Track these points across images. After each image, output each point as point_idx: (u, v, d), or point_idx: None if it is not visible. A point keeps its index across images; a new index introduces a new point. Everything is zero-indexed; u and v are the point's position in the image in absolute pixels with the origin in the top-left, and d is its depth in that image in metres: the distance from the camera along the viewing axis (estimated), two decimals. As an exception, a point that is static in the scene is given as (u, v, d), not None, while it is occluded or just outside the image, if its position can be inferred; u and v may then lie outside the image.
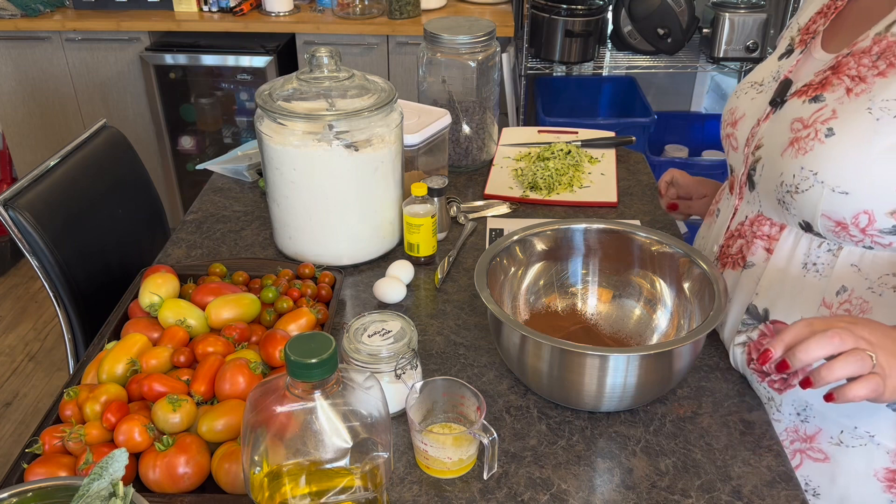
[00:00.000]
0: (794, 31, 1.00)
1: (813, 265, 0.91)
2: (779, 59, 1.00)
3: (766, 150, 0.92)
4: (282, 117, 1.16)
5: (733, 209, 1.01)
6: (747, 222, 0.98)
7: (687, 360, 0.93)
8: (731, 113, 1.01)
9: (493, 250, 1.05)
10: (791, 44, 0.99)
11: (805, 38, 0.96)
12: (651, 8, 2.49)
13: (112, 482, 0.63)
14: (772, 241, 0.95)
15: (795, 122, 0.88)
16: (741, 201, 1.00)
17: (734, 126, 1.00)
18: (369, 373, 0.73)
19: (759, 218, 0.96)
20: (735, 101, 1.02)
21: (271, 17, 2.75)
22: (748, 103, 0.98)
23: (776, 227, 0.94)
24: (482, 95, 1.55)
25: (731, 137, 1.01)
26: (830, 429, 0.93)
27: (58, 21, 2.71)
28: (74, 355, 1.42)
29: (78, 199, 1.44)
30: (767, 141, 0.92)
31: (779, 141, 0.89)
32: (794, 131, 0.87)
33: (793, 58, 0.96)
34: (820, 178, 0.84)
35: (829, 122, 0.84)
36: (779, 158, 0.89)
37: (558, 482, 0.87)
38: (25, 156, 3.02)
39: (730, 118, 1.02)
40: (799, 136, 0.86)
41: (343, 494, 0.69)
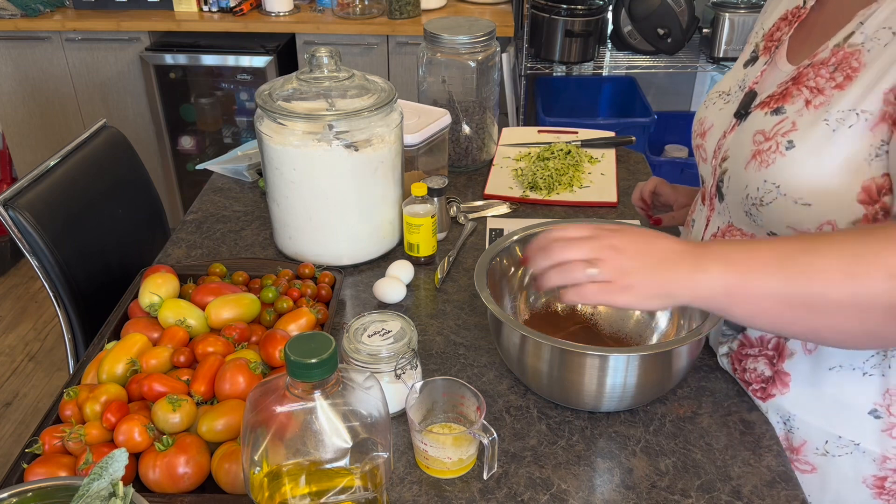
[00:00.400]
0: (759, 37, 0.99)
1: None
2: (744, 67, 0.99)
3: (732, 163, 0.91)
4: (282, 117, 1.16)
5: (706, 220, 1.01)
6: (719, 233, 0.97)
7: (687, 360, 0.93)
8: (700, 123, 1.01)
9: (493, 250, 1.05)
10: (755, 50, 0.98)
11: (769, 46, 0.95)
12: (651, 8, 2.49)
13: (112, 482, 0.63)
14: None
15: (758, 135, 0.86)
16: (713, 212, 0.99)
17: (703, 137, 0.99)
18: (369, 373, 0.73)
19: (730, 228, 0.95)
20: (703, 112, 1.01)
21: (271, 17, 2.75)
22: (716, 114, 0.98)
23: (746, 237, 0.93)
24: (482, 95, 1.55)
25: (701, 149, 1.00)
26: (815, 439, 0.92)
27: (58, 21, 2.71)
28: (74, 355, 1.42)
29: (78, 199, 1.44)
30: (732, 153, 0.91)
31: (742, 153, 0.88)
32: (757, 144, 0.86)
33: (757, 67, 0.95)
34: (782, 190, 0.83)
35: (789, 134, 0.83)
36: (743, 171, 0.88)
37: (558, 482, 0.87)
38: (25, 156, 3.02)
39: (699, 129, 1.01)
40: (761, 149, 0.85)
41: (343, 494, 0.69)
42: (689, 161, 2.71)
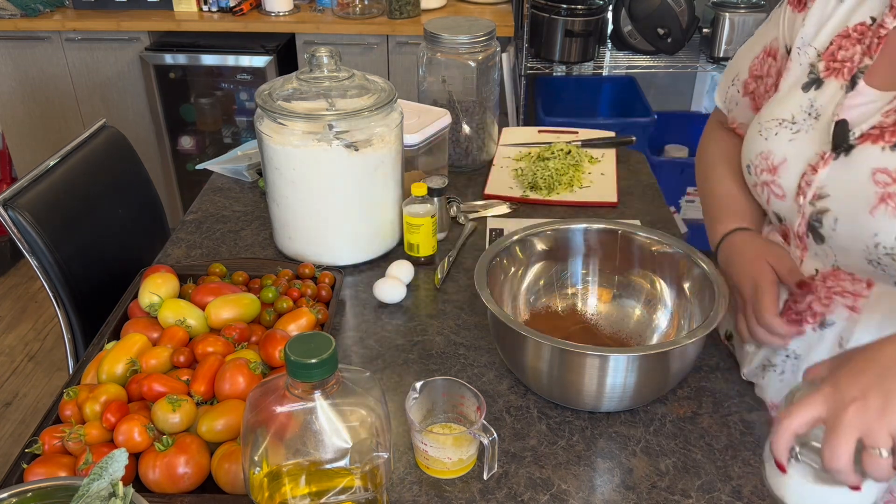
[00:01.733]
0: (813, 56, 0.89)
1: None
2: (805, 90, 0.89)
3: (839, 204, 0.81)
4: (282, 117, 1.16)
5: (798, 262, 0.91)
6: (819, 276, 0.88)
7: (687, 360, 0.93)
8: (765, 158, 0.90)
9: (493, 250, 1.05)
10: (814, 71, 0.88)
11: (836, 67, 0.86)
12: (651, 8, 2.48)
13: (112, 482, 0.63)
14: (857, 299, 0.85)
15: (879, 174, 0.77)
16: (806, 253, 0.89)
17: (773, 173, 0.89)
18: (369, 373, 0.73)
19: (835, 273, 0.86)
20: (765, 144, 0.91)
21: (271, 16, 2.74)
22: (786, 146, 0.88)
23: (861, 283, 0.84)
24: (482, 95, 1.55)
25: (773, 185, 0.90)
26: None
27: (58, 21, 2.71)
28: (74, 355, 1.42)
29: (78, 199, 1.44)
30: (836, 193, 0.82)
31: (860, 195, 0.79)
32: (882, 185, 0.77)
33: (830, 92, 0.86)
34: None
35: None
36: (867, 217, 0.78)
37: (558, 482, 0.87)
38: (25, 156, 3.02)
39: (763, 164, 0.90)
40: (892, 192, 0.76)
41: (343, 494, 0.69)
42: (689, 161, 2.71)
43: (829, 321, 0.88)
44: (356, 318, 1.16)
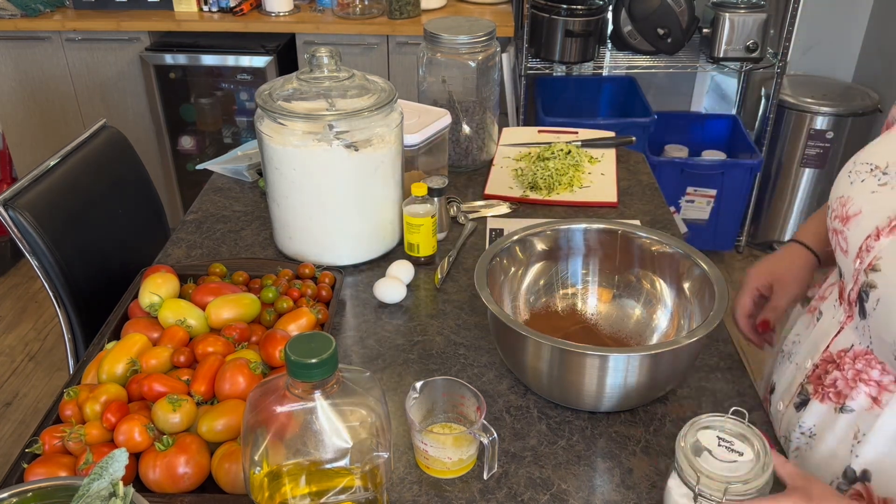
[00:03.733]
0: None
1: None
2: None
3: (886, 283, 0.71)
4: (282, 117, 1.16)
5: (839, 326, 0.82)
6: (851, 353, 0.79)
7: (687, 360, 0.93)
8: (842, 204, 0.80)
9: (493, 250, 1.05)
10: None
11: None
12: (651, 8, 2.48)
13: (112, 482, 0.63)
14: (882, 392, 0.77)
15: None
16: (848, 323, 0.80)
17: (845, 223, 0.79)
18: (369, 373, 0.73)
19: (867, 355, 0.77)
20: (847, 188, 0.80)
21: (271, 17, 2.74)
22: (866, 197, 0.77)
23: (890, 375, 0.75)
24: (482, 95, 1.55)
25: (840, 236, 0.79)
26: None
27: (58, 21, 2.71)
28: (74, 355, 1.42)
29: (78, 199, 1.44)
30: (888, 268, 0.71)
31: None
32: None
33: None
34: None
35: None
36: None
37: (558, 482, 0.87)
38: (25, 156, 3.02)
39: (839, 209, 0.80)
40: None
41: (343, 494, 0.69)
42: (688, 161, 2.71)
43: (849, 407, 0.80)
44: (356, 318, 1.16)
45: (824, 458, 0.85)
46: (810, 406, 0.86)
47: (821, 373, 0.85)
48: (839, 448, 0.82)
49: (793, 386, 0.91)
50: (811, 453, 0.87)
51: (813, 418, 0.86)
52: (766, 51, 2.59)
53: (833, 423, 0.83)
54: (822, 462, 0.85)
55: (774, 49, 2.65)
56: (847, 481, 0.82)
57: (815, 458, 0.86)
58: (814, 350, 0.87)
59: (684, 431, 0.76)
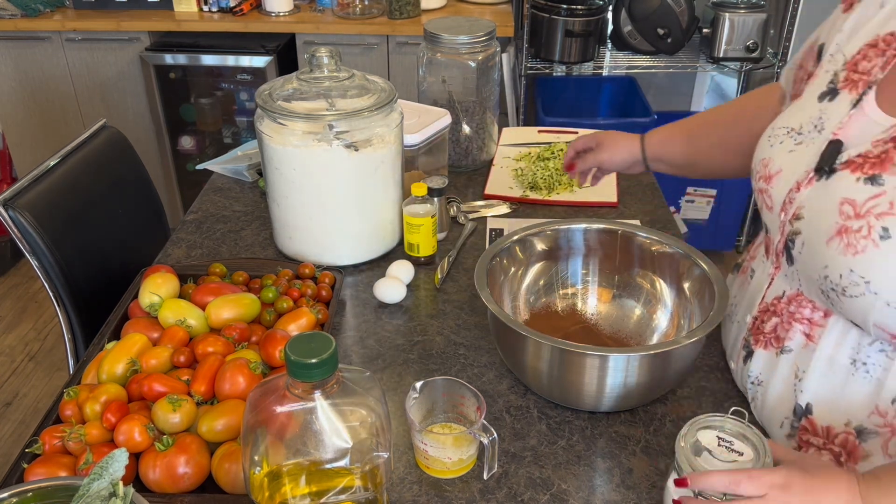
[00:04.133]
0: (839, 64, 0.82)
1: (863, 364, 0.79)
2: (819, 100, 0.83)
3: (808, 228, 0.78)
4: (282, 117, 1.16)
5: (769, 278, 0.89)
6: (784, 299, 0.86)
7: (687, 360, 0.93)
8: (765, 165, 0.87)
9: (493, 250, 1.05)
10: (834, 81, 0.82)
11: (854, 79, 0.79)
12: (651, 8, 2.48)
13: (112, 482, 0.63)
14: (814, 328, 0.83)
15: (846, 205, 0.73)
16: (778, 272, 0.87)
17: (768, 182, 0.85)
18: (369, 373, 0.73)
19: (798, 297, 0.84)
20: (768, 150, 0.87)
21: (271, 17, 2.74)
22: (785, 156, 0.84)
23: (819, 311, 0.81)
24: (482, 95, 1.55)
25: (765, 194, 0.86)
26: None
27: (58, 21, 2.71)
28: (74, 355, 1.42)
29: (78, 199, 1.44)
30: (810, 215, 0.78)
31: (824, 222, 0.75)
32: (844, 216, 0.73)
33: (839, 106, 0.80)
34: (873, 288, 0.71)
35: (885, 217, 0.70)
36: (823, 246, 0.75)
37: (558, 482, 0.87)
38: (25, 156, 3.02)
39: (763, 170, 0.87)
40: (848, 227, 0.72)
41: (343, 494, 0.69)
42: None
43: (788, 347, 0.86)
44: (356, 318, 1.16)
45: (775, 401, 0.90)
46: (755, 356, 0.92)
47: (759, 323, 0.91)
48: (785, 389, 0.88)
49: (737, 343, 0.97)
50: (764, 400, 0.92)
51: (758, 366, 0.92)
52: (766, 51, 2.59)
53: (776, 367, 0.89)
54: (774, 405, 0.90)
55: (774, 49, 2.65)
56: (796, 418, 0.87)
57: (768, 403, 0.91)
58: (751, 305, 0.93)
59: (684, 431, 0.76)
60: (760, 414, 0.93)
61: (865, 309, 0.74)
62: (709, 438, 0.75)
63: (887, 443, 0.79)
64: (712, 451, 0.74)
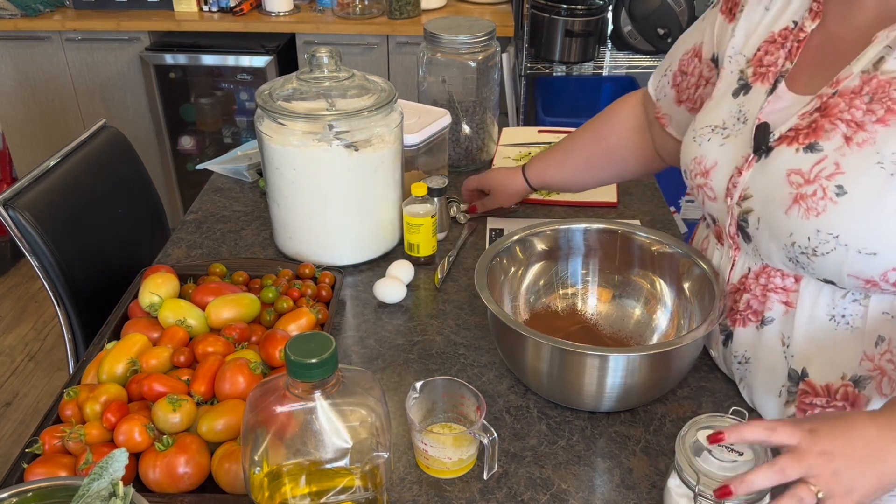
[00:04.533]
0: (742, 63, 0.92)
1: (842, 317, 0.84)
2: (734, 96, 0.92)
3: (760, 205, 0.84)
4: (282, 117, 1.16)
5: (731, 261, 0.94)
6: (751, 275, 0.90)
7: (687, 360, 0.93)
8: (698, 162, 0.93)
9: (493, 250, 1.05)
10: (743, 77, 0.91)
11: (762, 72, 0.89)
12: (651, 8, 2.49)
13: (112, 482, 0.63)
14: (789, 294, 0.87)
15: (793, 175, 0.80)
16: (738, 252, 0.92)
17: (706, 176, 0.92)
18: (369, 373, 0.73)
19: (765, 270, 0.88)
20: (698, 150, 0.93)
21: (271, 17, 2.75)
22: (716, 150, 0.91)
23: (790, 277, 0.86)
24: (482, 95, 1.55)
25: (705, 188, 0.93)
26: None
27: (58, 21, 2.71)
28: (74, 355, 1.42)
29: (78, 199, 1.44)
30: (758, 193, 0.85)
31: (777, 195, 0.82)
32: (795, 186, 0.79)
33: (756, 96, 0.89)
34: (842, 241, 0.76)
35: (835, 177, 0.76)
36: (782, 216, 0.81)
37: (558, 482, 0.87)
38: (25, 156, 3.02)
39: (697, 168, 0.93)
40: (803, 194, 0.78)
41: (343, 494, 0.69)
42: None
43: (769, 318, 0.90)
44: (356, 318, 1.16)
45: (766, 374, 0.92)
46: (735, 335, 0.95)
47: (731, 303, 0.94)
48: (774, 358, 0.91)
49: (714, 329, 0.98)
50: (754, 376, 0.94)
51: (741, 345, 0.94)
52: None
53: (760, 340, 0.91)
54: (765, 379, 0.93)
55: (774, 49, 2.65)
56: (793, 383, 0.89)
57: (759, 378, 0.94)
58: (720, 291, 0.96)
59: (684, 431, 0.76)
60: (752, 392, 0.96)
61: (839, 262, 0.78)
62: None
63: (880, 384, 0.84)
64: (712, 451, 0.74)
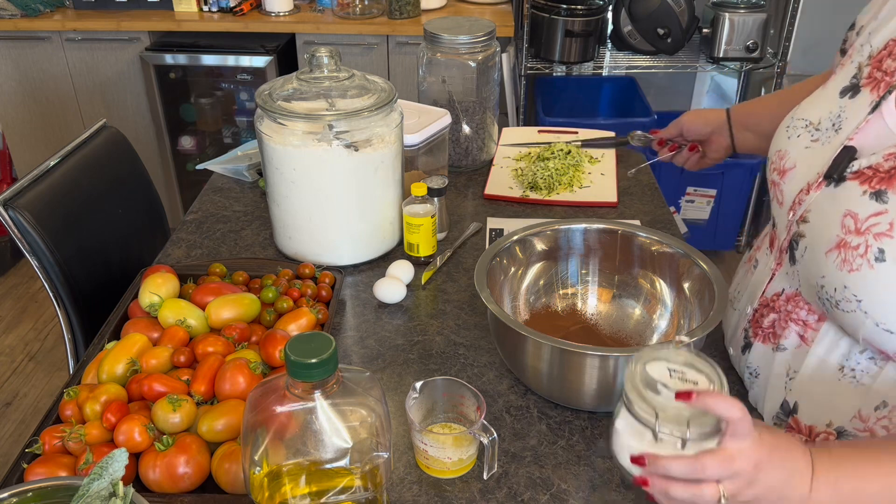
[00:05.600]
0: (864, 56, 0.78)
1: (851, 370, 0.79)
2: (841, 96, 0.80)
3: (812, 233, 0.78)
4: (282, 117, 1.16)
5: (771, 273, 0.89)
6: (783, 297, 0.86)
7: (687, 360, 0.93)
8: (780, 157, 0.85)
9: (493, 250, 1.05)
10: (858, 76, 0.79)
11: (876, 77, 0.76)
12: (651, 8, 2.48)
13: (112, 482, 0.63)
14: (808, 330, 0.83)
15: (848, 217, 0.72)
16: (779, 269, 0.87)
17: (781, 175, 0.84)
18: (369, 373, 0.73)
19: (796, 297, 0.84)
20: (785, 143, 0.85)
21: (271, 17, 2.74)
22: (800, 152, 0.82)
23: (814, 315, 0.82)
24: (482, 95, 1.55)
25: (777, 188, 0.85)
26: None
27: (58, 21, 2.71)
28: (74, 355, 1.42)
29: (78, 199, 1.44)
30: (815, 221, 0.77)
31: (827, 232, 0.75)
32: (845, 230, 0.72)
33: (858, 106, 0.77)
34: (864, 307, 0.71)
35: (882, 238, 0.69)
36: (823, 257, 0.75)
37: (558, 482, 0.87)
38: (25, 156, 3.02)
39: (778, 162, 0.85)
40: (847, 242, 0.72)
41: (343, 494, 0.69)
42: (689, 161, 2.70)
43: (782, 346, 0.87)
44: (356, 318, 1.16)
45: (767, 395, 0.92)
46: (753, 348, 0.93)
47: (759, 317, 0.92)
48: (776, 385, 0.90)
49: (738, 331, 0.98)
50: (754, 391, 0.95)
51: (756, 359, 0.93)
52: (766, 51, 2.59)
53: (771, 363, 0.90)
54: (766, 398, 0.92)
55: (774, 49, 2.65)
56: (784, 413, 0.89)
57: (761, 395, 0.93)
58: (752, 297, 0.94)
59: (631, 366, 0.69)
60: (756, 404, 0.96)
61: (856, 324, 0.74)
62: (659, 371, 0.69)
63: None
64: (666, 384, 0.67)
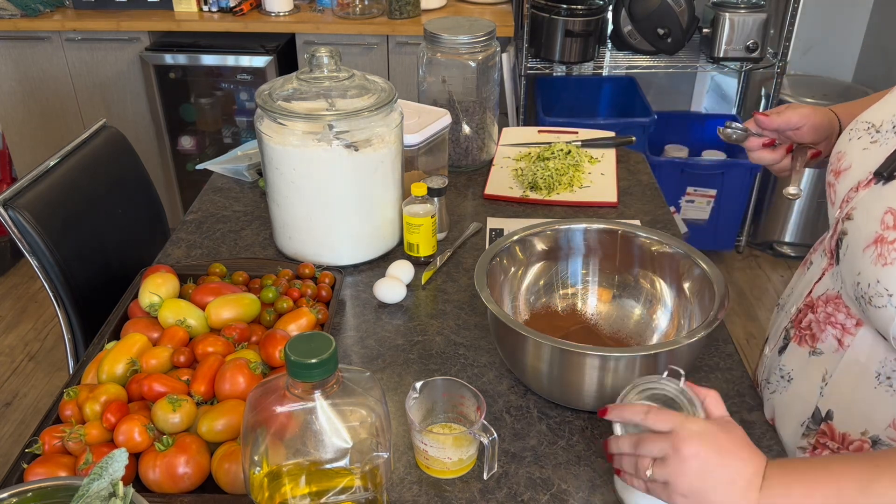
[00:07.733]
0: None
1: (887, 378, 0.78)
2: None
3: (854, 230, 0.77)
4: (282, 117, 1.16)
5: (821, 272, 0.87)
6: (824, 297, 0.85)
7: (687, 360, 0.93)
8: (838, 158, 0.84)
9: (493, 250, 1.05)
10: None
11: None
12: (651, 8, 2.48)
13: (112, 482, 0.63)
14: (846, 335, 0.82)
15: (888, 214, 0.72)
16: (829, 269, 0.85)
17: (836, 176, 0.83)
18: (369, 373, 0.73)
19: (837, 299, 0.82)
20: (845, 145, 0.84)
21: (271, 16, 2.74)
22: (857, 153, 0.81)
23: (852, 319, 0.80)
24: (482, 95, 1.55)
25: (832, 188, 0.84)
26: None
27: (58, 21, 2.71)
28: (74, 355, 1.42)
29: (78, 199, 1.44)
30: (859, 217, 0.76)
31: (867, 228, 0.74)
32: (883, 226, 0.72)
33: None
34: (894, 302, 0.70)
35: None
36: (860, 252, 0.74)
37: (558, 482, 0.87)
38: (25, 156, 3.02)
39: (835, 164, 0.84)
40: (885, 237, 0.71)
41: (343, 494, 0.69)
42: (688, 161, 2.71)
43: (819, 350, 0.86)
44: (356, 318, 1.16)
45: (796, 400, 0.90)
46: (790, 349, 0.91)
47: (801, 317, 0.90)
48: (809, 389, 0.88)
49: (779, 331, 0.96)
50: (785, 395, 0.92)
51: (792, 362, 0.91)
52: (766, 51, 2.59)
53: (806, 366, 0.88)
54: (795, 403, 0.90)
55: (774, 49, 2.65)
56: (815, 421, 0.87)
57: (789, 399, 0.91)
58: (799, 297, 0.92)
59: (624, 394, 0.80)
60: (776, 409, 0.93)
61: (887, 321, 0.73)
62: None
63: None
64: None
